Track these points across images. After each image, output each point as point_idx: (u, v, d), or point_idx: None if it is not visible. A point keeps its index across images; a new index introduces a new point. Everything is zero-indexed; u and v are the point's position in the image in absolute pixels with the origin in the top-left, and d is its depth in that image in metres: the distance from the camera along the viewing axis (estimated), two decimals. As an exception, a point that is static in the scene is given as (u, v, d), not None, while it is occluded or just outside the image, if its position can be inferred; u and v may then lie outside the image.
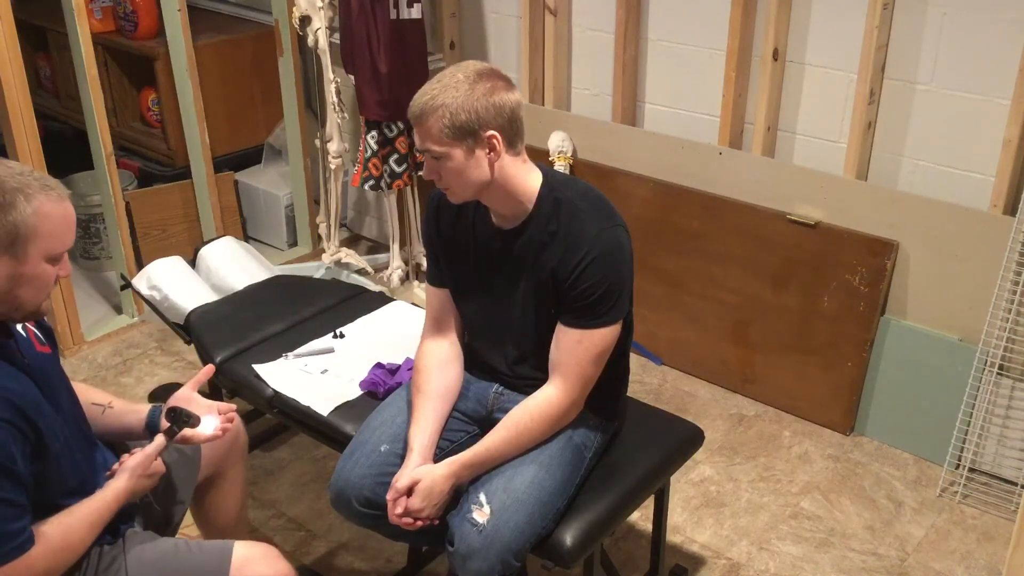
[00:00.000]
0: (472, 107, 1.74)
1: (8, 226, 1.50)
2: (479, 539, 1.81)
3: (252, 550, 1.73)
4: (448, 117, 1.74)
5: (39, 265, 1.55)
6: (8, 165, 1.55)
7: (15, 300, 1.56)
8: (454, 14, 3.68)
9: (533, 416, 1.90)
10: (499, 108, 1.76)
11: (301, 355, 2.47)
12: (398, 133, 3.44)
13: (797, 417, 3.08)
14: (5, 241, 1.51)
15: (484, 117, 1.75)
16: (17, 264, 1.53)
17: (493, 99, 1.75)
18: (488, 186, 1.83)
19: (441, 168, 1.81)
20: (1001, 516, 2.67)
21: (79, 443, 1.73)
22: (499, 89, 1.77)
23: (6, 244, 1.51)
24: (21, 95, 3.05)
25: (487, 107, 1.75)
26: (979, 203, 2.70)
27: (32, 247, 1.53)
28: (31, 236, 1.52)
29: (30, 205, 1.52)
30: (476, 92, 1.75)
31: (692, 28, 3.13)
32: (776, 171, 2.99)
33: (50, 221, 1.54)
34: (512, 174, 1.83)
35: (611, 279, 1.83)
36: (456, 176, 1.81)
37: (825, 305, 2.94)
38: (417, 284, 3.71)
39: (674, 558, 2.52)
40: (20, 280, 1.54)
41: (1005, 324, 2.63)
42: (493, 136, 1.77)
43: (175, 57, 3.56)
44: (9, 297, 1.55)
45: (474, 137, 1.76)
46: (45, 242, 1.54)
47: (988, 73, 2.61)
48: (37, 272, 1.55)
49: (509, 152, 1.82)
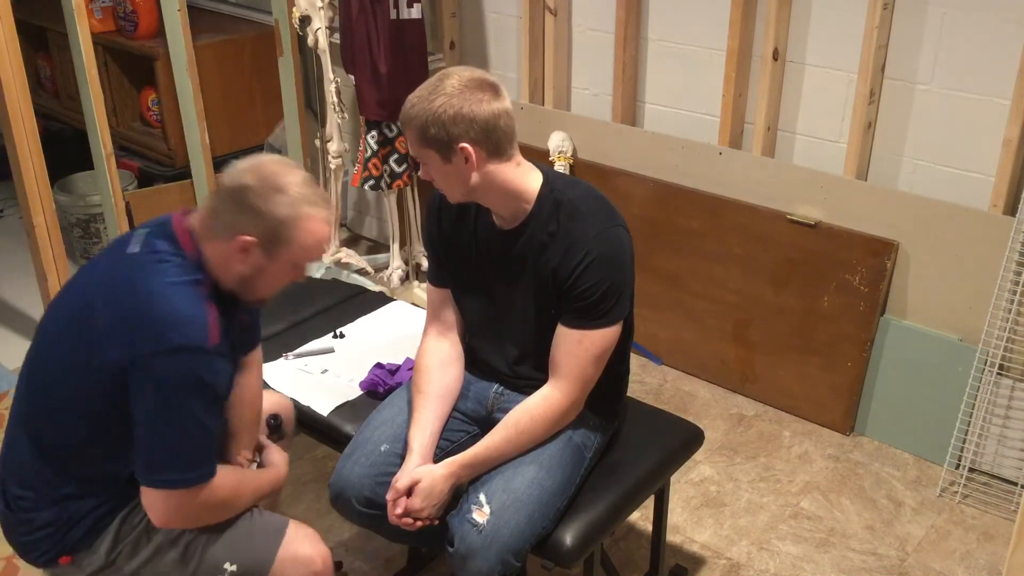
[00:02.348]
0: (440, 121, 1.74)
1: (271, 227, 1.66)
2: (479, 539, 1.81)
3: (302, 529, 1.85)
4: (420, 129, 1.76)
5: (284, 268, 1.72)
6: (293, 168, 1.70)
7: (250, 286, 1.73)
8: (454, 14, 3.68)
9: (533, 416, 1.90)
10: (469, 121, 1.74)
11: (301, 355, 2.47)
12: (398, 133, 3.44)
13: (797, 417, 3.08)
14: (265, 237, 1.66)
15: (453, 131, 1.75)
16: (267, 261, 1.69)
17: (463, 112, 1.74)
18: (475, 190, 1.83)
19: (428, 172, 1.85)
20: (1001, 516, 2.67)
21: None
22: (476, 100, 1.75)
23: (265, 241, 1.66)
24: (21, 95, 3.04)
25: (455, 120, 1.74)
26: (979, 203, 2.70)
27: (286, 252, 1.69)
28: (290, 243, 1.68)
29: (299, 211, 1.66)
30: (448, 104, 1.74)
31: (692, 28, 3.13)
32: (776, 171, 2.99)
33: (311, 238, 1.69)
34: (504, 179, 1.83)
35: (612, 279, 1.83)
36: (441, 180, 1.84)
37: (825, 305, 2.94)
38: (417, 284, 3.71)
39: (674, 558, 2.52)
40: (263, 273, 1.71)
41: (1005, 324, 2.63)
42: (465, 149, 1.77)
43: (175, 57, 3.56)
44: (247, 282, 1.72)
45: (447, 148, 1.77)
46: (298, 253, 1.71)
47: (988, 73, 2.61)
48: (280, 273, 1.73)
49: (494, 160, 1.80)
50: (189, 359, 1.60)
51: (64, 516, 1.73)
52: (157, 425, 1.61)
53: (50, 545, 1.74)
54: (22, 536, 1.76)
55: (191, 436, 1.63)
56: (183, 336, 1.59)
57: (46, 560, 1.76)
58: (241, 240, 1.65)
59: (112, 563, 1.76)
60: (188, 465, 1.65)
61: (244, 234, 1.65)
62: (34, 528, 1.74)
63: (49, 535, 1.73)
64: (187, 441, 1.63)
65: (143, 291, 1.63)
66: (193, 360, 1.60)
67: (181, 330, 1.60)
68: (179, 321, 1.60)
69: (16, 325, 3.61)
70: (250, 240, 1.65)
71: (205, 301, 1.66)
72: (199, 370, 1.61)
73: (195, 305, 1.64)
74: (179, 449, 1.63)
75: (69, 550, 1.75)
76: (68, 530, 1.73)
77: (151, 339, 1.59)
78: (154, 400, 1.60)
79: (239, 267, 1.69)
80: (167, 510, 1.67)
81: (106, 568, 1.77)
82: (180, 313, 1.61)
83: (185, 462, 1.64)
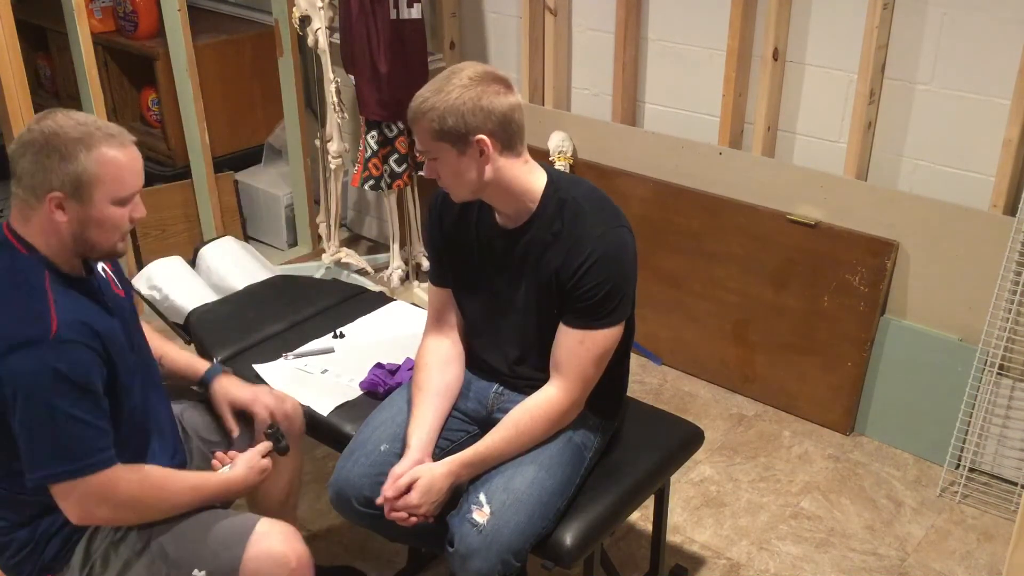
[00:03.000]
0: (459, 111, 1.74)
1: (71, 175, 1.62)
2: (479, 539, 1.81)
3: (274, 526, 1.80)
4: (436, 120, 1.75)
5: (106, 208, 1.67)
6: (72, 116, 1.66)
7: (88, 241, 1.69)
8: (454, 14, 3.68)
9: (533, 416, 1.90)
10: (488, 112, 1.75)
11: (301, 355, 2.47)
12: (398, 133, 3.44)
13: (797, 417, 3.08)
14: (69, 188, 1.63)
15: (472, 122, 1.75)
16: (83, 208, 1.65)
17: (482, 103, 1.75)
18: (485, 187, 1.83)
19: (437, 168, 1.83)
20: (1001, 516, 2.67)
21: (152, 386, 1.88)
22: (493, 93, 1.76)
23: (71, 190, 1.63)
24: (21, 95, 3.04)
25: (474, 111, 1.74)
26: (979, 203, 2.70)
27: (96, 192, 1.64)
28: (94, 182, 1.64)
29: (91, 153, 1.63)
30: (466, 96, 1.74)
31: (692, 28, 3.13)
32: (776, 171, 2.99)
33: (112, 167, 1.65)
34: (512, 176, 1.83)
35: (615, 280, 1.83)
36: (451, 176, 1.82)
37: (825, 305, 2.94)
38: (417, 284, 3.71)
39: (674, 558, 2.52)
40: (88, 223, 1.67)
41: (1005, 324, 2.63)
42: (482, 140, 1.77)
43: (175, 57, 3.56)
44: (82, 238, 1.68)
45: (463, 141, 1.77)
46: (108, 187, 1.65)
47: (988, 73, 2.61)
48: (105, 215, 1.67)
49: (507, 155, 1.81)
50: (33, 354, 1.59)
51: (36, 535, 1.75)
52: (28, 425, 1.61)
53: (32, 565, 1.76)
54: (7, 560, 1.78)
55: (63, 428, 1.61)
56: (22, 334, 1.59)
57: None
58: (51, 198, 1.63)
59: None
60: (68, 457, 1.63)
61: (50, 192, 1.63)
62: (15, 551, 1.76)
63: (28, 555, 1.76)
64: (60, 434, 1.61)
65: None
66: (38, 355, 1.59)
67: (19, 328, 1.60)
68: (16, 320, 1.61)
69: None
70: (57, 195, 1.63)
71: (42, 293, 1.64)
72: (46, 363, 1.59)
73: (27, 300, 1.63)
74: (54, 443, 1.62)
75: (48, 568, 1.77)
76: (43, 549, 1.75)
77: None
78: (17, 402, 1.60)
79: (64, 227, 1.66)
80: (69, 505, 1.66)
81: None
82: (16, 312, 1.62)
83: (64, 454, 1.62)
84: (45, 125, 1.64)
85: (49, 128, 1.63)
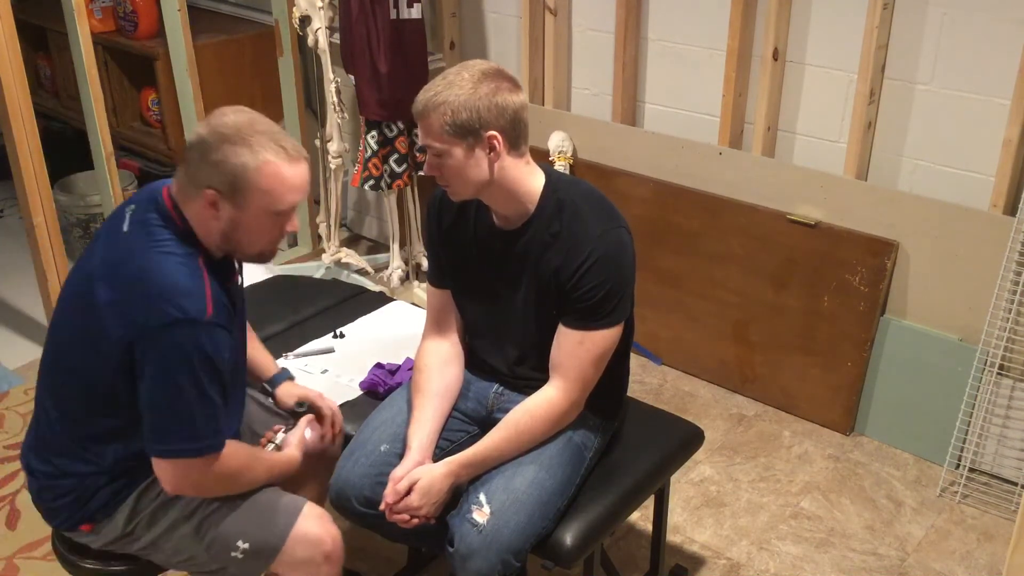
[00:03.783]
0: (474, 106, 1.74)
1: (230, 176, 1.63)
2: (479, 539, 1.81)
3: (315, 510, 1.87)
4: (450, 114, 1.74)
5: (260, 217, 1.68)
6: (255, 121, 1.67)
7: (235, 243, 1.72)
8: (454, 14, 3.68)
9: (533, 416, 1.90)
10: (501, 109, 1.76)
11: (301, 355, 2.47)
12: (398, 133, 3.44)
13: (797, 417, 3.08)
14: (226, 189, 1.64)
15: (486, 117, 1.75)
16: (237, 212, 1.66)
17: (496, 99, 1.75)
18: (488, 186, 1.82)
19: (442, 165, 1.81)
20: (1001, 516, 2.67)
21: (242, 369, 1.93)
22: (503, 90, 1.77)
23: (227, 191, 1.64)
24: (21, 95, 3.05)
25: (489, 107, 1.75)
26: (979, 203, 2.70)
27: (252, 200, 1.65)
28: (252, 189, 1.64)
29: (256, 161, 1.63)
30: (479, 91, 1.74)
31: (692, 28, 3.13)
32: (776, 171, 2.99)
33: (274, 179, 1.65)
34: (514, 176, 1.83)
35: (614, 280, 1.83)
36: (456, 174, 1.81)
37: (825, 305, 2.94)
38: (417, 284, 3.71)
39: (674, 558, 2.52)
40: (239, 226, 1.68)
41: (1005, 324, 2.63)
42: (494, 136, 1.77)
43: (175, 57, 3.57)
44: (230, 239, 1.70)
45: (475, 136, 1.76)
46: (265, 197, 1.65)
47: (988, 73, 2.61)
48: (257, 223, 1.68)
49: (512, 154, 1.81)
50: (189, 331, 1.62)
51: (82, 488, 1.77)
52: (161, 397, 1.64)
53: (71, 513, 1.79)
54: (47, 503, 1.82)
55: (195, 407, 1.65)
56: (180, 310, 1.61)
57: (68, 526, 1.82)
58: (207, 194, 1.65)
59: (130, 533, 1.81)
60: (193, 436, 1.66)
61: (208, 187, 1.64)
62: (56, 496, 1.79)
63: (69, 504, 1.79)
64: (191, 412, 1.65)
65: (138, 268, 1.65)
66: (192, 333, 1.62)
67: (178, 303, 1.61)
68: (176, 294, 1.62)
69: (16, 325, 3.61)
70: (213, 193, 1.64)
71: (200, 273, 1.67)
72: (198, 342, 1.62)
73: (190, 277, 1.65)
74: (184, 420, 1.65)
75: (89, 519, 1.80)
76: (87, 501, 1.78)
77: (150, 314, 1.61)
78: (157, 373, 1.62)
79: (215, 223, 1.68)
80: (175, 479, 1.70)
81: (124, 538, 1.82)
82: (176, 287, 1.63)
83: (190, 432, 1.66)
84: (224, 121, 1.65)
85: (225, 126, 1.64)
